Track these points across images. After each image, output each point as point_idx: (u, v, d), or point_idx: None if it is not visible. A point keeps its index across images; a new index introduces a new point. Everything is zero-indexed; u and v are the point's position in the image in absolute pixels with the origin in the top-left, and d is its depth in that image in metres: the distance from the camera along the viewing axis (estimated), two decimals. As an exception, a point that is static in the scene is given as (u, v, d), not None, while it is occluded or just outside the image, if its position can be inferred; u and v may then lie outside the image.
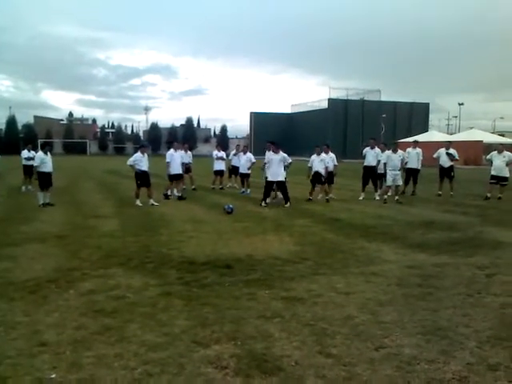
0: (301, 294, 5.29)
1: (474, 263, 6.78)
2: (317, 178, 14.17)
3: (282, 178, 13.00)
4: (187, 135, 72.70)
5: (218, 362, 3.65)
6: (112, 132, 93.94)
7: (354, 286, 5.64)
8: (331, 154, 14.64)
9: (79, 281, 5.69)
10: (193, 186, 17.15)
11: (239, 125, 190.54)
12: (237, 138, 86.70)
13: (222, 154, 18.32)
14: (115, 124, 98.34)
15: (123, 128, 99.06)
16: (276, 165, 12.94)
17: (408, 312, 4.76)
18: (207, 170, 20.22)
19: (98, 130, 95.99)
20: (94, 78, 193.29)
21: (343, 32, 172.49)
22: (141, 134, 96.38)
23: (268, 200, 13.09)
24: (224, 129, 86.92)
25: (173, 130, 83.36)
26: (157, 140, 78.70)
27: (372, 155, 15.13)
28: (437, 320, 4.55)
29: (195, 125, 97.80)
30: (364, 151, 15.52)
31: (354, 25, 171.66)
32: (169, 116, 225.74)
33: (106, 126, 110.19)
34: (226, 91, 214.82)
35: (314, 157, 14.38)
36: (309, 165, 14.46)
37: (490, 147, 49.80)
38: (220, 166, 17.88)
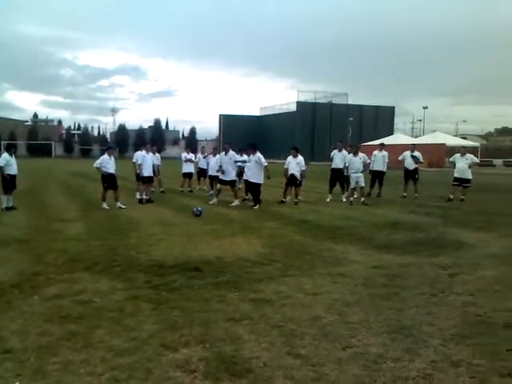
0: (269, 295, 5.33)
1: (437, 263, 6.96)
2: (292, 181, 14.27)
3: (255, 180, 13.05)
4: (155, 137, 71.89)
5: (186, 365, 3.63)
6: (78, 134, 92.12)
7: (321, 286, 5.71)
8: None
9: (44, 286, 5.56)
10: (161, 189, 17.01)
11: (208, 127, 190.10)
12: (206, 140, 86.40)
13: (191, 156, 18.25)
14: (81, 125, 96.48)
15: (90, 130, 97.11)
16: (252, 166, 13.14)
17: (374, 312, 4.85)
18: (175, 173, 20.06)
19: (64, 131, 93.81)
20: (61, 78, 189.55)
21: (312, 36, 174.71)
22: (108, 135, 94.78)
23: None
24: (193, 131, 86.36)
25: (141, 132, 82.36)
26: (124, 142, 77.58)
27: (339, 158, 15.35)
28: (402, 319, 4.66)
29: (163, 127, 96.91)
30: (332, 154, 15.74)
31: (323, 29, 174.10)
32: (137, 118, 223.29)
33: (72, 127, 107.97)
34: (195, 93, 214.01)
35: (290, 159, 14.49)
36: (285, 166, 14.56)
37: (452, 150, 51.35)
38: (189, 168, 17.80)
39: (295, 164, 14.23)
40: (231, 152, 14.01)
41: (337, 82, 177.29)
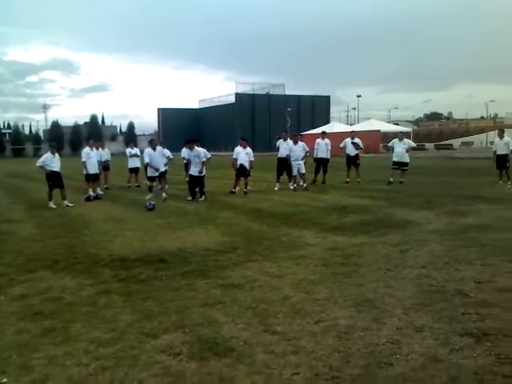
0: (237, 280, 5.51)
1: (387, 241, 7.41)
2: (242, 171, 14.46)
3: (197, 174, 13.16)
4: (92, 133, 69.40)
5: (170, 349, 3.76)
6: (9, 133, 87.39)
7: (285, 269, 5.97)
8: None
9: (7, 286, 5.45)
10: (105, 185, 16.69)
11: (146, 121, 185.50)
12: (144, 135, 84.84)
13: (136, 150, 17.99)
14: (11, 124, 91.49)
15: (21, 128, 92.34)
16: (194, 161, 13.27)
17: (338, 288, 5.16)
18: (117, 168, 19.66)
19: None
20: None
21: (245, 27, 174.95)
22: (41, 133, 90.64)
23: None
24: (131, 126, 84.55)
25: (76, 129, 79.58)
26: (59, 139, 74.60)
27: (284, 147, 15.71)
28: (364, 293, 4.99)
29: (100, 122, 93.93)
30: (277, 143, 16.07)
31: (257, 20, 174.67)
32: (71, 114, 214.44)
33: (2, 126, 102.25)
34: (130, 87, 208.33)
35: (239, 149, 14.66)
36: (234, 157, 14.71)
37: (386, 136, 53.65)
38: (135, 163, 17.58)
39: (245, 154, 14.46)
40: (159, 147, 13.98)
41: (273, 73, 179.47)
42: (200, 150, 13.31)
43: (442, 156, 38.94)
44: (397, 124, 69.34)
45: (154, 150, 13.54)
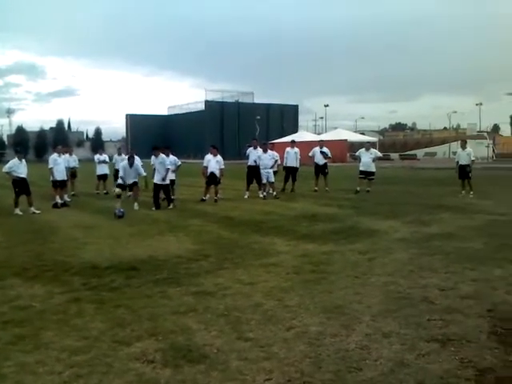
0: (209, 288, 5.56)
1: (355, 249, 7.59)
2: (212, 179, 14.49)
3: (160, 182, 13.00)
4: (58, 139, 68.08)
5: (144, 357, 3.78)
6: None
7: (256, 276, 6.05)
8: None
9: (-26, 295, 5.35)
10: (73, 192, 16.42)
11: (114, 127, 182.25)
12: (111, 141, 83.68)
13: (105, 157, 17.79)
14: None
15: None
16: (159, 168, 13.16)
17: (308, 295, 5.27)
18: (84, 175, 19.30)
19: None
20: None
21: (215, 34, 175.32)
22: (5, 138, 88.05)
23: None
24: (98, 131, 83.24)
25: (42, 134, 77.78)
26: (24, 144, 72.65)
27: (255, 155, 15.85)
28: (333, 300, 5.12)
29: (66, 127, 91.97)
30: (247, 151, 16.20)
31: (227, 27, 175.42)
32: (36, 119, 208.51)
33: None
34: (98, 93, 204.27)
35: (209, 157, 14.69)
36: (204, 165, 14.73)
37: (353, 145, 54.66)
38: (103, 169, 17.37)
39: (215, 162, 14.51)
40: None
41: (242, 81, 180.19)
42: (165, 157, 13.24)
43: (407, 166, 39.91)
44: (363, 134, 70.58)
45: (131, 166, 12.74)
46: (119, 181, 13.05)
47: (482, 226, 9.58)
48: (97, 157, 17.66)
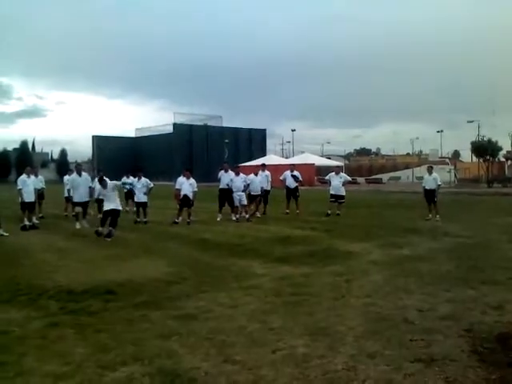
0: (191, 311, 5.53)
1: (332, 271, 7.68)
2: (186, 202, 14.44)
3: (113, 207, 11.77)
4: (22, 160, 66.34)
5: (130, 382, 3.72)
6: None
7: (237, 299, 6.05)
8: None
9: None
10: (40, 214, 16.03)
11: (80, 149, 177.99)
12: (76, 162, 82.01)
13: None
14: None
15: None
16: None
17: (291, 317, 5.30)
18: (49, 197, 18.75)
19: None
20: None
21: (181, 58, 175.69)
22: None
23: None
24: (64, 153, 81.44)
25: (4, 155, 75.64)
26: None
27: (227, 178, 15.90)
28: (316, 322, 5.16)
29: (30, 148, 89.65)
30: (219, 174, 16.24)
31: (193, 52, 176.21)
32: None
33: None
34: (63, 113, 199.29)
35: (183, 180, 14.67)
36: (177, 187, 14.69)
37: (320, 169, 55.47)
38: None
39: (188, 185, 14.50)
40: (84, 173, 14.04)
41: (210, 104, 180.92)
42: (111, 183, 12.00)
43: (373, 190, 40.72)
44: (329, 158, 71.75)
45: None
46: (75, 199, 13.51)
47: (452, 248, 9.86)
48: (66, 178, 17.26)
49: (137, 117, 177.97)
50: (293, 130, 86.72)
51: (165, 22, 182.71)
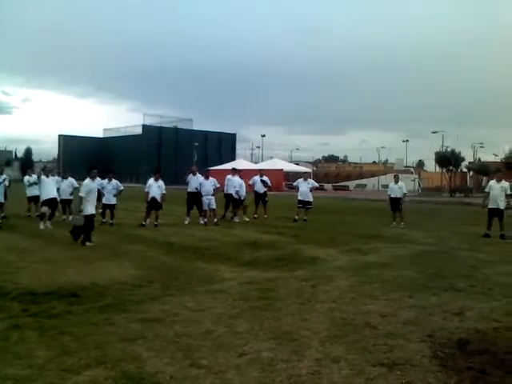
0: (157, 314, 5.49)
1: (298, 276, 7.76)
2: (154, 204, 14.32)
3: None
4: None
5: (94, 386, 3.67)
6: None
7: (203, 303, 6.03)
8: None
9: None
10: (2, 214, 15.57)
11: (45, 147, 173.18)
12: (41, 161, 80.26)
13: (35, 178, 16.97)
14: None
15: None
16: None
17: (257, 322, 5.33)
18: (12, 196, 18.22)
19: None
20: None
21: (154, 60, 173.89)
22: None
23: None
24: (29, 151, 79.54)
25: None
26: None
27: (196, 182, 15.85)
28: (282, 326, 5.21)
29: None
30: (188, 178, 16.16)
31: (165, 54, 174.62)
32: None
33: None
34: (30, 111, 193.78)
35: (152, 182, 14.55)
36: (146, 190, 14.58)
37: (288, 175, 55.88)
38: (35, 191, 16.56)
39: (157, 187, 14.37)
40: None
41: (180, 107, 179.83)
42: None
43: (340, 196, 41.26)
44: (298, 164, 72.33)
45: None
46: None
47: (415, 255, 10.09)
48: (27, 179, 16.78)
49: (108, 117, 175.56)
50: (262, 136, 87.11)
51: (140, 22, 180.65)
